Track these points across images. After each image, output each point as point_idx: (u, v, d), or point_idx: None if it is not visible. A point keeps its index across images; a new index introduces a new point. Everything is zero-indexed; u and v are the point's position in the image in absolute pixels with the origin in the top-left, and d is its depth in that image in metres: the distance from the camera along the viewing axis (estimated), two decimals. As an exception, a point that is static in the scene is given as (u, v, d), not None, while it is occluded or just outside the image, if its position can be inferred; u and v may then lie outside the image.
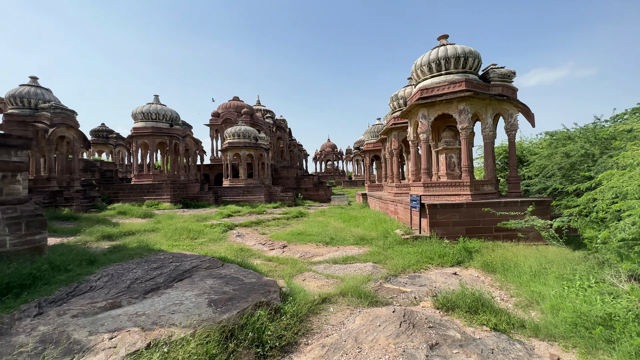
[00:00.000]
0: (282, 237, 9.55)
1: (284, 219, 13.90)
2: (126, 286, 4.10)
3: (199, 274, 4.72)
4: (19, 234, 4.44)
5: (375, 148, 20.40)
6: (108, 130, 31.83)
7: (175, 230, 9.08)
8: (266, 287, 4.10)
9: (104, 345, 2.47)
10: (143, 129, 19.81)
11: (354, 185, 42.28)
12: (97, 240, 7.88)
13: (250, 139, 23.71)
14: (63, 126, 15.69)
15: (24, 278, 3.78)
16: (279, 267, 6.17)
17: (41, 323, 2.93)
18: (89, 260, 5.01)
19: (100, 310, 3.32)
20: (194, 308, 3.33)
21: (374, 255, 6.83)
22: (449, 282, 5.17)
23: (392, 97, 13.67)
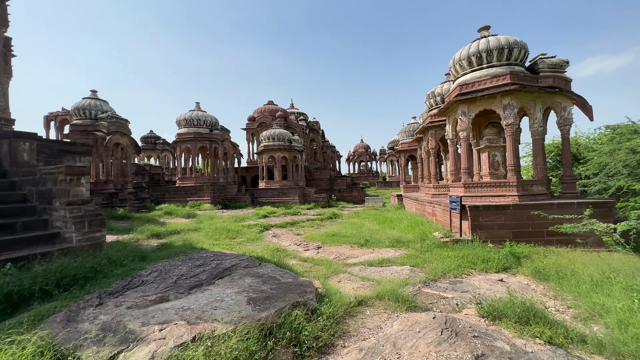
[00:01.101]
0: (317, 238, 9.61)
1: (318, 220, 13.98)
2: (173, 282, 4.38)
3: (238, 273, 4.90)
4: (82, 232, 4.95)
5: (410, 148, 19.80)
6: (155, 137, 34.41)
7: (216, 230, 9.53)
8: (302, 287, 4.14)
9: (154, 336, 2.66)
10: (186, 135, 21.14)
11: (388, 187, 41.38)
12: (147, 238, 8.52)
13: (284, 141, 24.24)
14: (118, 134, 17.25)
15: (87, 271, 4.19)
16: (314, 267, 6.20)
17: (101, 312, 3.23)
18: (141, 257, 5.43)
19: (151, 303, 3.57)
20: (234, 305, 3.46)
21: (411, 259, 6.61)
22: (494, 289, 4.83)
23: (428, 94, 13.18)
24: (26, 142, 5.80)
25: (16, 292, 3.39)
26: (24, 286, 3.47)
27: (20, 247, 4.49)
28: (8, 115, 7.35)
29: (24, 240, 4.57)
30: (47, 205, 5.20)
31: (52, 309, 3.22)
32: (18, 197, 5.35)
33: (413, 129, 19.62)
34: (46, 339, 2.42)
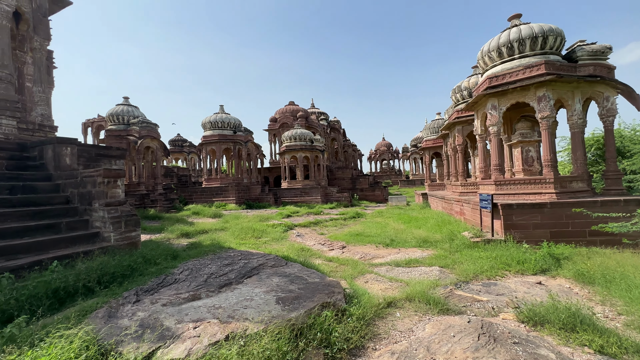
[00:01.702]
0: (341, 238, 9.55)
1: (341, 220, 13.91)
2: (203, 280, 4.50)
3: (266, 272, 4.95)
4: (119, 231, 5.21)
5: (435, 145, 19.22)
6: (182, 140, 35.75)
7: (242, 230, 9.73)
8: (330, 287, 4.10)
9: (189, 334, 2.73)
10: (211, 137, 21.77)
11: (411, 185, 40.49)
12: (177, 237, 8.85)
13: (305, 141, 24.34)
14: (148, 138, 18.08)
15: (125, 269, 4.40)
16: (340, 267, 6.16)
17: (139, 309, 3.36)
18: (173, 256, 5.63)
19: (184, 301, 3.68)
20: (263, 304, 3.49)
21: (439, 259, 6.40)
22: (532, 292, 4.56)
23: (454, 88, 12.71)
24: (68, 147, 6.19)
25: (62, 289, 3.61)
26: (69, 283, 3.69)
27: (65, 245, 4.79)
28: (52, 123, 7.89)
29: (68, 240, 4.87)
30: (87, 207, 5.52)
31: (95, 305, 3.39)
32: (62, 199, 5.73)
33: (438, 125, 19.03)
34: (91, 334, 2.55)
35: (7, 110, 6.73)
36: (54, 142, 6.21)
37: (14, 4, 7.10)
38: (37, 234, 4.78)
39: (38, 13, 7.71)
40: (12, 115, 6.83)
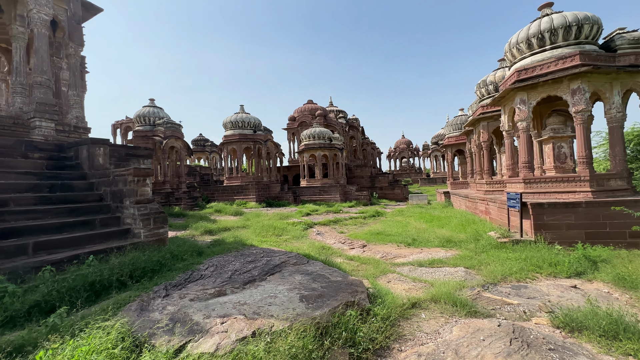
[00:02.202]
0: (361, 237, 9.48)
1: (361, 218, 13.81)
2: (228, 276, 4.60)
3: (288, 270, 4.99)
4: (149, 228, 5.42)
5: (458, 142, 18.65)
6: (204, 139, 36.74)
7: (263, 228, 9.87)
8: (353, 286, 4.07)
9: (217, 329, 2.79)
10: (232, 136, 22.23)
11: (432, 183, 39.56)
12: (201, 234, 9.10)
13: (324, 139, 24.33)
14: (173, 138, 18.71)
15: (154, 264, 4.57)
16: (361, 267, 6.11)
17: (168, 303, 3.49)
18: (198, 252, 5.79)
19: (211, 296, 3.78)
20: (287, 302, 3.52)
21: (464, 260, 6.21)
22: (566, 296, 4.32)
23: (479, 83, 12.26)
24: (101, 148, 6.51)
25: (98, 282, 3.81)
26: (104, 277, 3.88)
27: (99, 241, 5.05)
28: (85, 124, 8.33)
29: (102, 235, 5.13)
30: (119, 204, 5.79)
31: (128, 298, 3.55)
32: (96, 197, 6.03)
33: (461, 122, 18.45)
34: (125, 326, 2.67)
35: (46, 114, 7.17)
36: (88, 142, 6.55)
37: (52, 12, 7.53)
38: (74, 229, 5.06)
39: (73, 21, 8.14)
40: (51, 118, 7.26)
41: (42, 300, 3.34)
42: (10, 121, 7.13)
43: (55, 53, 9.39)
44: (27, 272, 3.88)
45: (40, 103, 7.14)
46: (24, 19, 7.70)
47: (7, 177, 5.33)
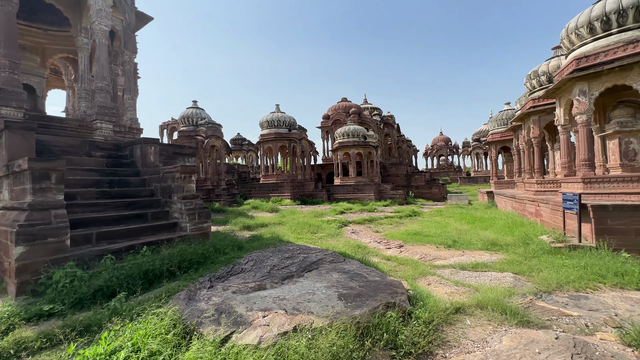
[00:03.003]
0: (397, 237, 9.24)
1: (397, 218, 13.47)
2: (267, 271, 4.72)
3: (325, 267, 5.01)
4: (194, 222, 5.75)
5: (503, 138, 17.43)
6: (242, 139, 38.19)
7: (298, 225, 10.01)
8: (392, 287, 3.97)
9: (259, 322, 2.87)
10: (267, 135, 22.83)
11: (473, 182, 37.44)
12: (240, 229, 9.46)
13: (358, 137, 24.07)
14: (213, 137, 19.66)
15: (199, 257, 4.84)
16: (399, 267, 5.95)
17: (213, 295, 3.66)
18: (238, 247, 6.03)
19: (251, 290, 3.90)
20: (325, 299, 3.52)
21: (513, 265, 5.77)
22: (637, 310, 3.84)
23: (529, 74, 11.32)
24: (152, 147, 7.03)
25: (151, 271, 4.11)
26: (156, 266, 4.18)
27: (152, 233, 5.45)
28: (138, 125, 9.04)
29: (154, 228, 5.53)
30: (167, 199, 6.20)
31: (177, 287, 3.79)
32: (148, 192, 6.53)
33: (507, 117, 17.21)
34: (177, 314, 2.85)
35: (106, 116, 7.89)
36: (141, 142, 7.09)
37: (110, 24, 8.25)
38: (129, 222, 5.52)
39: (128, 30, 8.86)
40: (110, 120, 7.97)
41: (105, 285, 3.68)
42: (76, 123, 7.95)
43: (112, 60, 10.29)
44: (91, 259, 4.30)
45: (101, 107, 7.88)
46: (88, 31, 8.53)
47: (75, 173, 5.95)
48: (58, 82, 13.37)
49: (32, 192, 4.06)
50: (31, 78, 10.28)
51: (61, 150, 6.42)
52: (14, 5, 6.67)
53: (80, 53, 8.66)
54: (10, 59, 6.54)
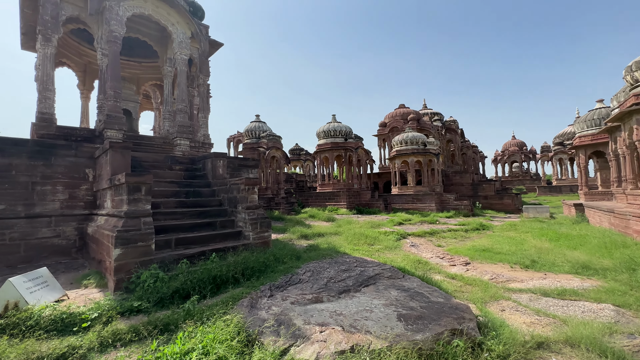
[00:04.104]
0: (463, 252, 8.49)
1: (462, 231, 12.41)
2: (324, 283, 4.74)
3: (382, 283, 4.83)
4: (256, 231, 6.11)
5: (595, 141, 14.93)
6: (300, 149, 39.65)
7: (354, 235, 9.90)
8: (458, 311, 3.64)
9: (317, 337, 2.88)
10: (324, 145, 23.29)
11: (555, 192, 32.71)
12: (298, 238, 9.73)
13: (417, 145, 23.04)
14: (274, 148, 20.80)
15: (260, 265, 5.10)
16: (465, 288, 5.44)
17: (273, 304, 3.80)
18: (296, 256, 6.19)
19: (309, 302, 3.95)
20: (384, 319, 3.38)
21: (613, 295, 4.82)
22: None
23: (630, 66, 9.56)
24: (220, 160, 7.73)
25: (219, 276, 4.46)
26: (223, 272, 4.52)
27: (219, 240, 5.94)
28: (209, 141, 10.04)
29: (221, 236, 6.02)
30: (233, 209, 6.71)
31: (241, 294, 4.03)
32: (216, 202, 7.16)
33: (599, 116, 14.74)
34: (241, 321, 3.02)
35: (184, 134, 8.95)
36: (212, 156, 7.85)
37: (189, 53, 9.41)
38: (201, 229, 6.10)
39: (202, 57, 9.99)
40: (187, 137, 9.02)
41: (181, 287, 4.10)
42: (161, 141, 9.17)
43: (189, 84, 11.68)
44: (170, 262, 4.85)
45: (180, 125, 8.97)
46: (171, 61, 9.84)
47: (159, 185, 6.84)
48: (148, 105, 15.66)
49: (128, 202, 4.77)
50: (129, 103, 12.23)
51: (149, 165, 7.46)
52: (119, 45, 8.06)
53: (165, 80, 10.04)
54: (114, 89, 7.88)
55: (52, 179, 6.48)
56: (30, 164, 6.28)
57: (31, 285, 3.80)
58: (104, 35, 7.95)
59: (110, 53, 7.91)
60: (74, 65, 11.06)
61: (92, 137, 7.87)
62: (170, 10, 8.94)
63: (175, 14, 9.05)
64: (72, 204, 6.67)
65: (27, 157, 6.26)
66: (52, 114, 7.49)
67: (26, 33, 9.10)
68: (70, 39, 10.14)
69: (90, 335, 3.03)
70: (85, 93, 11.68)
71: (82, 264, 6.14)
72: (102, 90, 8.14)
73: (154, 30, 9.73)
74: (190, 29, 9.39)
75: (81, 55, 10.90)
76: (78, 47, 10.60)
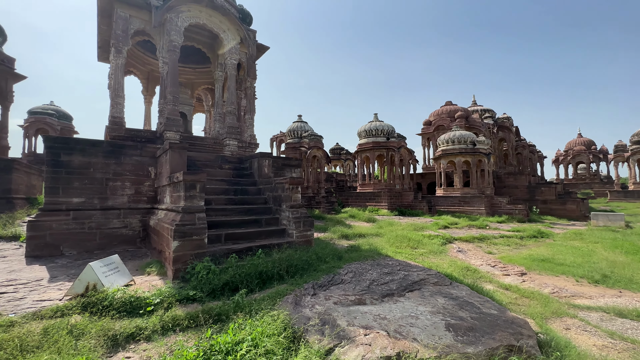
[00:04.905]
0: (518, 261, 7.83)
1: (516, 238, 11.44)
2: (366, 285, 4.69)
3: (428, 289, 4.64)
4: (299, 230, 6.25)
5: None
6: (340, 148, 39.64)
7: (396, 238, 9.65)
8: (514, 325, 3.36)
9: (361, 340, 2.86)
10: (365, 144, 22.99)
11: (632, 198, 28.62)
12: (339, 238, 9.75)
13: (465, 144, 21.70)
14: (315, 148, 21.06)
15: (303, 263, 5.20)
16: (522, 300, 5.01)
17: (316, 303, 3.86)
18: (338, 256, 6.21)
19: (352, 303, 3.94)
20: (431, 327, 3.25)
21: None
22: None
23: None
24: (266, 160, 8.03)
25: (264, 272, 4.65)
26: (269, 268, 4.70)
27: (265, 237, 6.19)
28: (255, 141, 10.48)
29: (266, 233, 6.27)
30: (277, 207, 6.93)
31: (285, 291, 4.16)
32: (262, 200, 7.45)
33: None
34: (287, 318, 3.12)
35: (232, 134, 9.46)
36: (258, 156, 8.19)
37: (238, 57, 9.92)
38: (248, 226, 6.40)
39: (250, 60, 10.45)
40: (236, 138, 9.52)
41: (230, 280, 4.35)
42: (212, 141, 9.79)
43: (238, 87, 12.30)
44: (221, 256, 5.16)
45: (229, 127, 9.50)
46: (222, 65, 10.45)
47: (211, 183, 7.31)
48: (200, 107, 16.81)
49: (184, 198, 5.18)
50: (184, 107, 13.24)
51: (202, 164, 8.01)
52: (177, 54, 8.77)
53: (216, 84, 10.69)
54: (173, 94, 8.60)
55: (121, 176, 7.28)
56: (104, 163, 7.12)
57: (106, 270, 4.31)
58: (164, 45, 8.71)
59: (170, 61, 8.64)
60: (139, 74, 12.28)
61: (154, 138, 8.68)
62: (222, 18, 9.49)
63: (226, 21, 9.59)
64: (137, 198, 7.43)
65: (102, 157, 7.11)
66: (122, 117, 8.40)
67: (102, 47, 10.31)
68: (136, 49, 11.27)
69: (154, 318, 3.35)
70: (148, 98, 12.91)
71: (145, 252, 6.81)
72: (162, 95, 8.93)
73: (207, 38, 10.41)
74: (239, 35, 9.88)
75: (145, 64, 12.06)
76: (143, 56, 11.74)
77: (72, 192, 6.76)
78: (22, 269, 5.37)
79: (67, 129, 24.97)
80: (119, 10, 8.43)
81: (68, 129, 25.13)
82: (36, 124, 23.86)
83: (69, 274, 5.12)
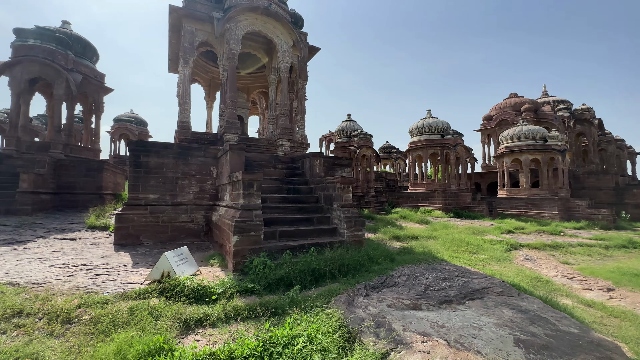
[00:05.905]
0: (602, 275, 6.81)
1: (599, 247, 9.94)
2: (421, 290, 4.50)
3: (491, 299, 4.28)
4: (350, 229, 6.23)
5: None
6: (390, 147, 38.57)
7: (453, 241, 9.07)
8: (601, 348, 2.93)
9: (418, 347, 2.75)
10: (417, 142, 22.02)
11: None
12: (390, 239, 9.50)
13: (534, 139, 19.48)
14: (364, 147, 20.81)
15: (355, 263, 5.18)
16: (609, 320, 4.35)
17: (369, 304, 3.81)
18: (390, 258, 6.05)
19: (406, 307, 3.81)
20: (496, 341, 2.99)
21: None
22: None
23: None
24: (317, 159, 8.17)
25: (317, 270, 4.73)
26: (321, 266, 4.77)
27: (316, 235, 6.30)
28: (306, 141, 10.72)
29: (318, 231, 6.37)
30: (329, 206, 7.01)
31: (337, 290, 4.19)
32: (313, 199, 7.60)
33: None
34: (342, 317, 3.14)
35: (285, 135, 9.81)
36: (309, 156, 8.36)
37: (290, 60, 10.24)
38: (300, 224, 6.58)
39: (302, 63, 10.71)
40: (288, 138, 9.85)
41: (285, 275, 4.52)
42: (266, 142, 10.26)
43: (290, 89, 12.70)
44: (276, 252, 5.39)
45: (282, 128, 9.87)
46: (275, 69, 10.89)
47: (265, 182, 7.68)
48: (254, 110, 17.74)
49: (243, 196, 5.52)
50: (241, 110, 14.09)
51: (257, 164, 8.45)
52: (235, 61, 9.38)
53: (270, 87, 11.17)
54: (232, 99, 9.22)
55: (188, 175, 8.04)
56: (174, 163, 7.93)
57: (177, 260, 4.80)
58: (224, 54, 9.37)
59: (229, 68, 9.28)
60: (202, 81, 13.41)
61: (215, 140, 9.40)
62: (275, 23, 9.89)
63: (279, 27, 9.97)
64: (201, 195, 8.13)
65: (173, 158, 7.92)
66: (189, 122, 9.26)
67: (172, 59, 11.49)
68: (200, 59, 12.32)
69: (218, 307, 3.64)
70: (209, 103, 14.04)
71: (208, 245, 7.42)
72: (222, 100, 9.63)
73: (261, 44, 10.94)
74: (292, 39, 10.19)
75: (207, 72, 13.13)
76: (205, 65, 12.79)
77: (149, 189, 7.66)
78: (111, 255, 6.25)
79: (143, 134, 28.44)
80: (187, 24, 9.30)
81: (144, 133, 28.61)
82: (120, 129, 27.62)
83: (147, 262, 5.82)
